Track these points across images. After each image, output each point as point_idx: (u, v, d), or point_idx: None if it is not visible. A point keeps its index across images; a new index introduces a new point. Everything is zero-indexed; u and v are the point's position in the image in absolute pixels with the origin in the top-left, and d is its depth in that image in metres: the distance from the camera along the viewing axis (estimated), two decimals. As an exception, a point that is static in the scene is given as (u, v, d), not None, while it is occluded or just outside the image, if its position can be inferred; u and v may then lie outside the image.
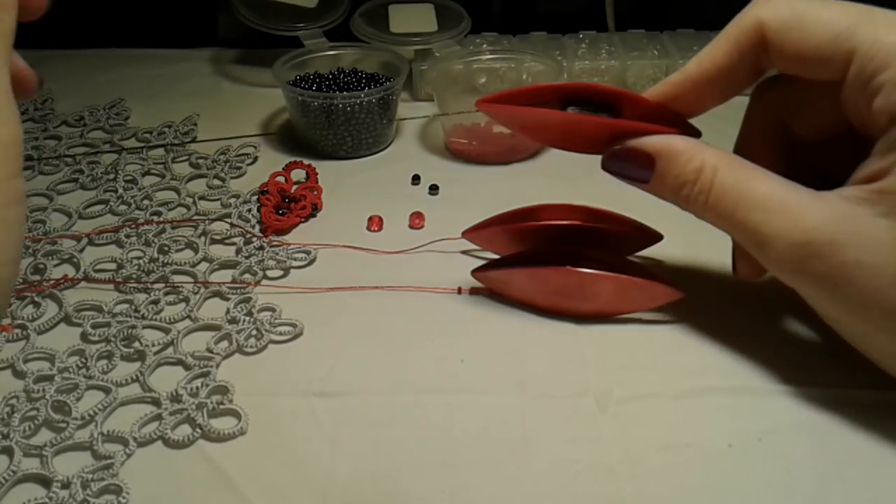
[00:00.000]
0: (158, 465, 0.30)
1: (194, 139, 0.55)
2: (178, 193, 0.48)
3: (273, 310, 0.38)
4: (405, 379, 0.34)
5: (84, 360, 0.35)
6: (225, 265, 0.42)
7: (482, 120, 0.52)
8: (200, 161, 0.51)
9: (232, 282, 0.40)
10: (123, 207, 0.47)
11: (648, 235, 0.40)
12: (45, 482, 0.30)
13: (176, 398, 0.33)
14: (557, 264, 0.36)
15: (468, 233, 0.42)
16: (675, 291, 0.36)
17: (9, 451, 0.31)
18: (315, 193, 0.47)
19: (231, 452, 0.31)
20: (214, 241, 0.44)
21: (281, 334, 0.37)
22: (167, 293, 0.39)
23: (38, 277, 0.41)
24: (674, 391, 0.33)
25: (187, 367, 0.35)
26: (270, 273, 0.41)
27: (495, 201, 0.42)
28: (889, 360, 0.31)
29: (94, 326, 0.37)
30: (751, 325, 0.36)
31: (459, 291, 0.39)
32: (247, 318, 0.37)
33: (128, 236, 0.44)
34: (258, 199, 0.47)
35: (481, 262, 0.39)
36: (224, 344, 0.36)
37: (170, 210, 0.47)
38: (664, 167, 0.33)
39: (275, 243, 0.43)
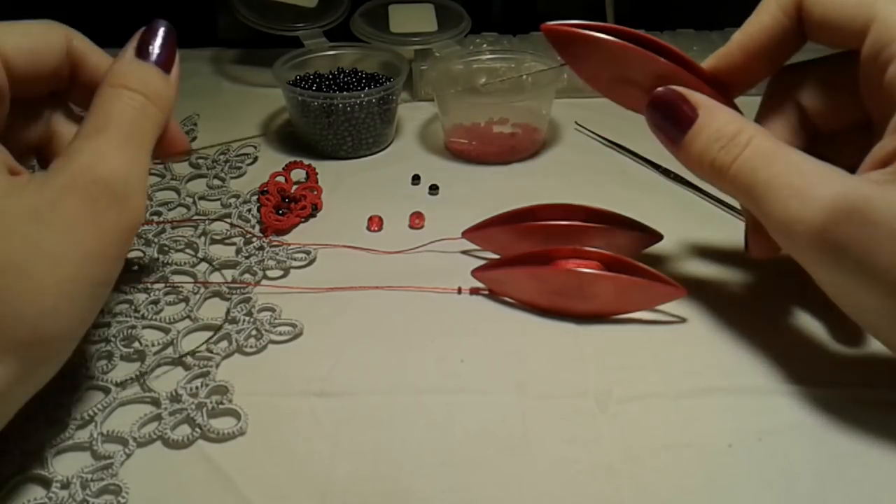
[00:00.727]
0: (158, 466, 0.30)
1: (194, 139, 0.55)
2: (178, 193, 0.48)
3: (273, 310, 0.38)
4: (405, 379, 0.34)
5: (84, 360, 0.35)
6: (225, 265, 0.41)
7: (482, 120, 0.52)
8: (200, 161, 0.51)
9: (232, 282, 0.40)
10: (123, 207, 0.47)
11: (648, 235, 0.40)
12: (45, 482, 0.30)
13: (175, 398, 0.33)
14: (557, 264, 0.36)
15: (468, 233, 0.42)
16: (676, 291, 0.36)
17: (9, 452, 0.31)
18: (315, 193, 0.47)
19: (231, 452, 0.31)
20: (214, 241, 0.44)
21: (281, 334, 0.37)
22: (167, 293, 0.39)
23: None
24: (674, 391, 0.33)
25: (187, 368, 0.35)
26: (270, 273, 0.41)
27: (495, 201, 0.42)
28: None
29: (94, 326, 0.37)
30: (751, 325, 0.36)
31: (459, 291, 0.39)
32: (247, 318, 0.37)
33: (128, 236, 0.44)
34: (258, 199, 0.47)
35: (481, 262, 0.39)
36: (224, 344, 0.36)
37: (170, 210, 0.47)
38: (705, 120, 0.32)
39: (275, 243, 0.43)
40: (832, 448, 0.30)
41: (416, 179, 0.50)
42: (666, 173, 0.49)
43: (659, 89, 0.34)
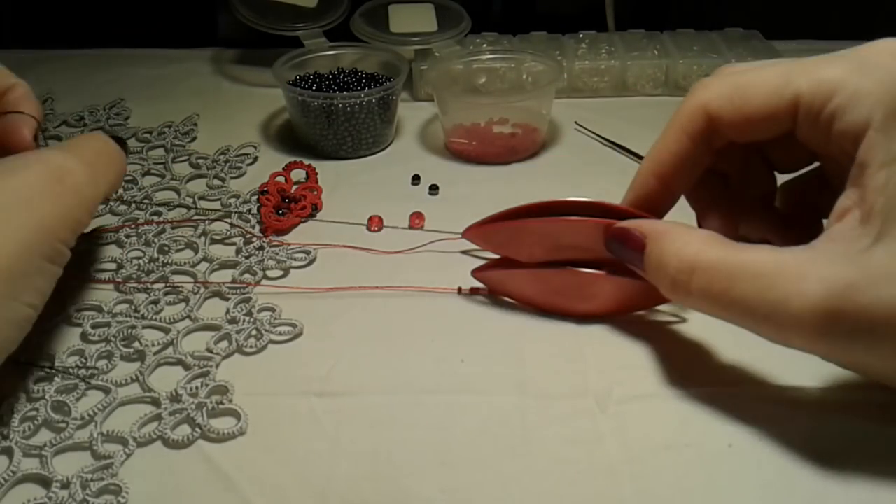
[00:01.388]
0: (158, 465, 0.30)
1: (194, 139, 0.55)
2: (178, 193, 0.48)
3: (273, 310, 0.38)
4: (405, 379, 0.34)
5: (84, 360, 0.35)
6: (225, 265, 0.41)
7: (482, 120, 0.52)
8: (200, 161, 0.51)
9: (232, 282, 0.40)
10: (123, 207, 0.47)
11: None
12: (45, 482, 0.30)
13: (175, 398, 0.33)
14: (557, 265, 0.36)
15: (468, 232, 0.41)
16: (675, 291, 0.36)
17: (8, 452, 0.31)
18: (315, 193, 0.47)
19: (231, 452, 0.31)
20: (214, 241, 0.44)
21: (281, 334, 0.37)
22: (167, 293, 0.39)
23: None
24: (674, 391, 0.33)
25: (187, 367, 0.35)
26: (270, 273, 0.41)
27: (495, 201, 0.42)
28: None
29: (94, 326, 0.37)
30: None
31: (459, 291, 0.39)
32: (247, 318, 0.37)
33: (128, 236, 0.44)
34: (258, 199, 0.47)
35: (481, 262, 0.39)
36: (224, 344, 0.36)
37: (170, 210, 0.47)
38: (651, 249, 0.32)
39: (275, 243, 0.43)
40: (832, 448, 0.30)
41: (416, 179, 0.50)
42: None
43: (608, 231, 0.34)
